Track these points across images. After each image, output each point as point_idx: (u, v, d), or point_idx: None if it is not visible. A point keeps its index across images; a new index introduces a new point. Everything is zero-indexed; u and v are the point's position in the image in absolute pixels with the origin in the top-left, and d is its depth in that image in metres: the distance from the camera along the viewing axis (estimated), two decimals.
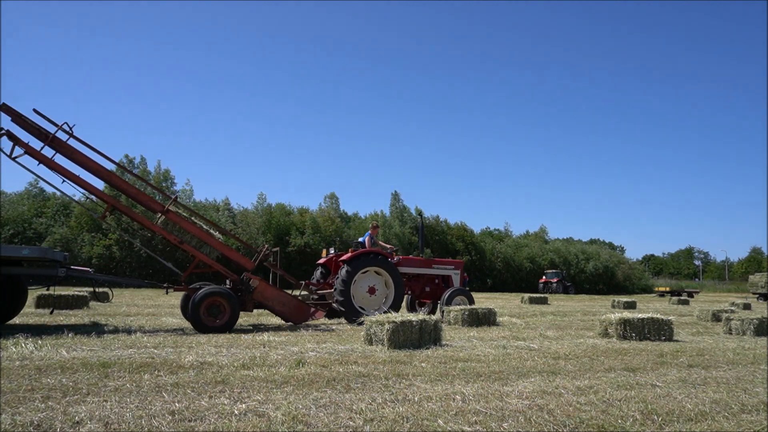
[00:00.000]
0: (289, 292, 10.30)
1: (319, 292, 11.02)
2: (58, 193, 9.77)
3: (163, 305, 14.25)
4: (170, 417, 3.43)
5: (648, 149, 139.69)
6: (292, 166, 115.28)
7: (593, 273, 51.85)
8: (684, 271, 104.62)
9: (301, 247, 35.92)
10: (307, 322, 9.89)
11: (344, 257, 10.85)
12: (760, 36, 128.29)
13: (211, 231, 9.64)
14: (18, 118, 8.26)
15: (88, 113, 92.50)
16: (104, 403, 3.72)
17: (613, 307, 20.31)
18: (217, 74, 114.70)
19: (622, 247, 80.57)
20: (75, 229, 31.50)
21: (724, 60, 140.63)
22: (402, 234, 41.42)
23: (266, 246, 10.03)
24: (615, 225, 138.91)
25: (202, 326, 8.23)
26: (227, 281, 9.70)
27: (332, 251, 11.90)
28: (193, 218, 9.59)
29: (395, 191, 47.70)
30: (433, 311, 12.68)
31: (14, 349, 5.72)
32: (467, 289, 12.63)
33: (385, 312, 9.81)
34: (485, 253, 47.17)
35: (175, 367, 5.09)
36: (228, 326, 8.39)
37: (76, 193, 34.62)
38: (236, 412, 3.60)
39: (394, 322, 6.90)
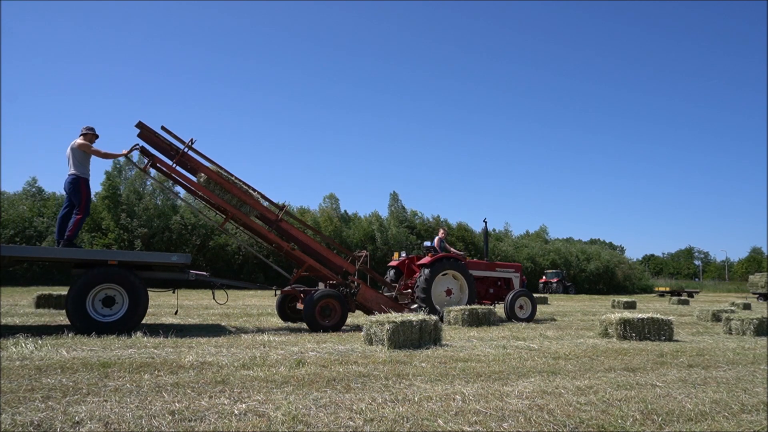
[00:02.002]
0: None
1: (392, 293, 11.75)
2: (179, 200, 10.08)
3: (163, 305, 14.24)
4: (170, 417, 3.43)
5: (648, 149, 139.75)
6: (291, 166, 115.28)
7: (594, 273, 51.83)
8: (684, 271, 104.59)
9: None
10: None
11: (424, 261, 11.77)
12: (760, 36, 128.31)
13: (316, 238, 10.28)
14: (151, 135, 8.86)
15: (89, 112, 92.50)
16: (104, 403, 3.72)
17: (613, 307, 20.30)
18: (217, 74, 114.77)
19: (622, 247, 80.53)
20: None
21: (725, 59, 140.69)
22: (399, 234, 41.38)
23: (364, 252, 10.83)
24: (615, 225, 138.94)
25: (315, 325, 8.87)
26: (319, 283, 10.25)
27: (403, 254, 12.82)
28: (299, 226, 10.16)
29: (394, 191, 47.76)
30: None
31: (14, 349, 5.72)
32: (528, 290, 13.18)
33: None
34: (488, 254, 47.10)
35: (175, 367, 5.09)
36: (338, 326, 9.08)
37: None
38: (236, 412, 3.60)
39: (394, 322, 6.90)
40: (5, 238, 28.86)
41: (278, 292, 10.02)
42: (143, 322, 9.46)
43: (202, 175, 8.96)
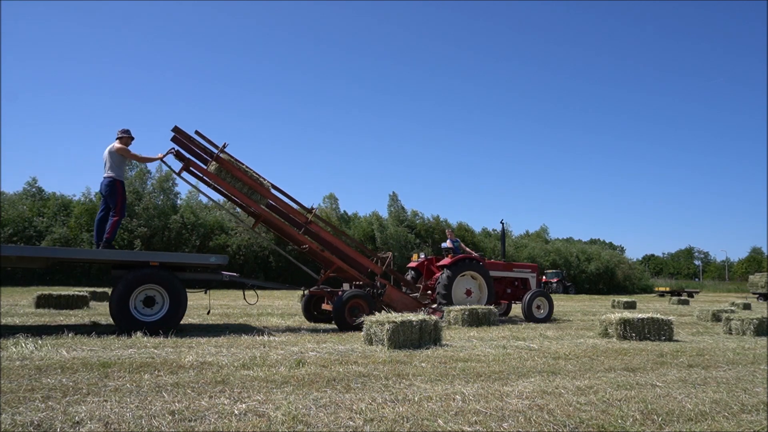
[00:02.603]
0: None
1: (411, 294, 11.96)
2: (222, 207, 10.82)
3: None
4: (170, 417, 3.43)
5: (648, 149, 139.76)
6: (291, 166, 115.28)
7: (594, 273, 51.82)
8: (684, 271, 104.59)
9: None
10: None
11: (445, 262, 12.13)
12: (759, 35, 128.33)
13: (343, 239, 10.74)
14: (186, 139, 9.06)
15: (89, 112, 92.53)
16: (104, 403, 3.72)
17: (613, 307, 20.31)
18: (217, 74, 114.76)
19: (622, 247, 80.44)
20: (74, 228, 31.52)
21: (725, 59, 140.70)
22: (398, 234, 41.37)
23: (389, 253, 11.15)
24: (615, 225, 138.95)
25: (344, 324, 9.15)
26: (344, 284, 10.57)
27: (422, 255, 13.11)
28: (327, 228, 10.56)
29: (393, 192, 47.84)
30: (506, 312, 13.88)
31: (14, 349, 5.72)
32: (546, 290, 13.38)
33: None
34: (486, 253, 47.17)
35: (175, 367, 5.09)
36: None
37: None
38: (236, 412, 3.60)
39: (394, 322, 6.90)
40: (5, 238, 28.87)
41: (307, 292, 10.35)
42: None
43: (213, 163, 9.07)
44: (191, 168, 9.04)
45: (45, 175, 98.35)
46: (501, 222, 15.12)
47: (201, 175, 9.20)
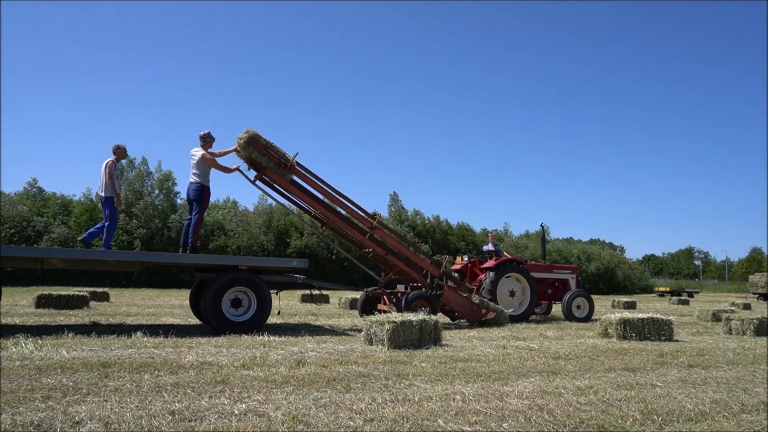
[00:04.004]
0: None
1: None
2: (293, 210, 11.77)
3: (163, 305, 14.25)
4: (170, 417, 3.43)
5: (648, 149, 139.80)
6: None
7: (594, 273, 51.80)
8: (684, 271, 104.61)
9: (300, 248, 35.89)
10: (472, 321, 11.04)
11: (489, 265, 12.59)
12: (759, 36, 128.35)
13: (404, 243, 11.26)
14: (264, 149, 9.24)
15: (89, 112, 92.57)
16: (104, 403, 3.72)
17: (613, 307, 20.31)
18: (217, 75, 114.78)
19: (622, 247, 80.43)
20: (74, 228, 31.53)
21: (724, 59, 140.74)
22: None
23: (445, 256, 11.55)
24: (615, 225, 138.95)
25: None
26: (398, 285, 10.98)
27: (465, 258, 13.65)
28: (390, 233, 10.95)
29: (394, 192, 47.80)
30: (547, 312, 14.35)
31: (14, 349, 5.72)
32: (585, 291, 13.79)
33: (522, 313, 12.16)
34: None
35: (175, 367, 5.09)
36: None
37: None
38: (236, 412, 3.60)
39: (394, 322, 6.90)
40: (5, 237, 28.88)
41: (369, 292, 10.94)
42: (144, 322, 9.50)
43: (287, 172, 9.38)
44: (264, 177, 9.45)
45: (45, 175, 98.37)
46: (541, 225, 15.54)
47: (273, 184, 9.67)
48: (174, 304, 14.62)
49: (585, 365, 6.06)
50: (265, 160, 9.21)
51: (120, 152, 8.89)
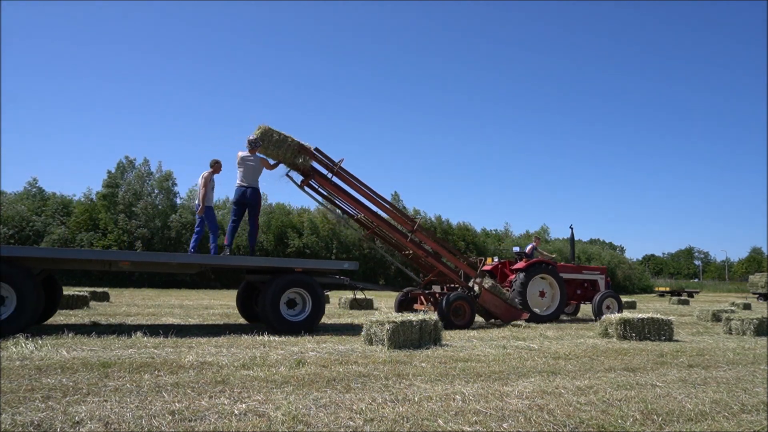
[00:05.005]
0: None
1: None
2: (334, 212, 12.11)
3: (163, 305, 14.25)
4: (170, 417, 3.43)
5: (648, 149, 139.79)
6: None
7: None
8: (684, 271, 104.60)
9: (300, 248, 35.89)
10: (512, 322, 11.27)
11: (519, 266, 12.80)
12: (759, 36, 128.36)
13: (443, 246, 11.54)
14: (311, 155, 9.60)
15: (90, 112, 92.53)
16: (104, 403, 3.72)
17: None
18: (218, 75, 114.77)
19: (622, 247, 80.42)
20: (73, 228, 31.52)
21: (724, 59, 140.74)
22: None
23: (481, 258, 12.22)
24: (615, 225, 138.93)
25: (449, 323, 9.72)
26: (433, 286, 11.32)
27: (496, 259, 13.94)
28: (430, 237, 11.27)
29: (395, 192, 47.87)
30: (575, 312, 14.63)
31: (14, 349, 5.72)
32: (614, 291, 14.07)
33: (551, 313, 12.40)
34: (487, 253, 47.22)
35: (175, 367, 5.09)
36: (467, 324, 10.10)
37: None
38: (236, 412, 3.60)
39: (394, 322, 6.90)
40: (4, 237, 28.87)
41: (408, 292, 11.33)
42: (144, 322, 9.50)
43: (333, 176, 9.83)
44: (311, 182, 9.75)
45: (45, 175, 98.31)
46: (570, 227, 15.73)
47: (319, 188, 9.95)
48: (174, 304, 14.62)
49: (585, 365, 6.06)
50: (311, 165, 9.57)
51: (217, 166, 9.39)
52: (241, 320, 10.47)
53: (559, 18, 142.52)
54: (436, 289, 11.29)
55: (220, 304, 15.50)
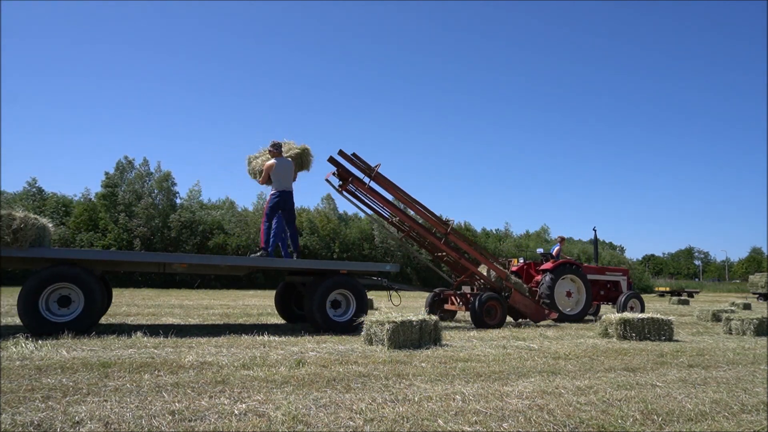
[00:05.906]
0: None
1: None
2: (362, 215, 12.29)
3: (163, 305, 14.25)
4: (170, 417, 3.43)
5: (648, 149, 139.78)
6: None
7: None
8: (684, 271, 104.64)
9: (300, 248, 35.93)
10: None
11: (546, 267, 13.05)
12: (759, 36, 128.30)
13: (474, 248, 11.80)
14: (347, 160, 9.91)
15: (89, 112, 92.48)
16: (104, 403, 3.72)
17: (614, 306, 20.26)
18: (218, 75, 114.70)
19: (622, 247, 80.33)
20: (73, 228, 31.52)
21: (724, 59, 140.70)
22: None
23: (509, 259, 12.50)
24: (615, 225, 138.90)
25: (481, 323, 10.13)
26: (462, 287, 11.64)
27: (521, 260, 14.28)
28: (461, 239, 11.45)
29: None
30: (596, 312, 14.78)
31: (14, 349, 5.72)
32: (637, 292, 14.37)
33: (577, 314, 12.68)
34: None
35: (175, 367, 5.09)
36: (499, 324, 10.36)
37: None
38: (236, 412, 3.60)
39: (394, 322, 6.90)
40: None
41: (441, 293, 11.61)
42: (144, 322, 9.50)
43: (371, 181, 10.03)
44: (349, 186, 10.06)
45: (45, 175, 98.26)
46: (593, 229, 16.02)
47: (357, 192, 10.23)
48: (174, 304, 14.62)
49: (585, 365, 6.06)
50: (347, 171, 9.89)
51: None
52: (242, 320, 10.47)
53: (559, 18, 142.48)
54: (466, 289, 11.55)
55: (220, 304, 15.51)
